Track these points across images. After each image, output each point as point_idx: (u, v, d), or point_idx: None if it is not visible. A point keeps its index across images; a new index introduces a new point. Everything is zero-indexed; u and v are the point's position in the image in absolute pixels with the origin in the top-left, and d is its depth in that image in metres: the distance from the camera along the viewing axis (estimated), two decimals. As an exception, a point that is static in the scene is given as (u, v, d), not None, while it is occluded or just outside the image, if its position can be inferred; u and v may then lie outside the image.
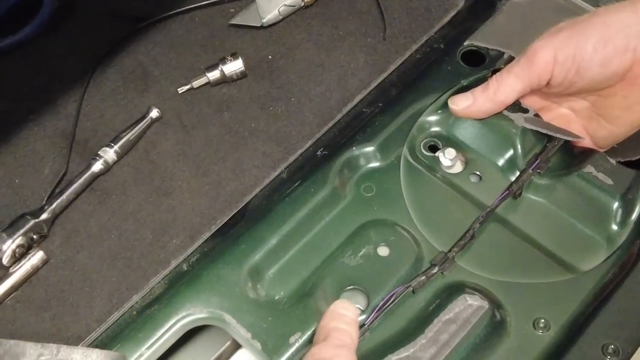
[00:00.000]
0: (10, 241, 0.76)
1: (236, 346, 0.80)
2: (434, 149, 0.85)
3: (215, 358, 0.81)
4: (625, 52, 0.71)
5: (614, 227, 0.78)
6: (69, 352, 0.68)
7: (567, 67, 0.74)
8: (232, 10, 0.95)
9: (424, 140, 0.85)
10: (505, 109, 0.81)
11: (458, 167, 0.83)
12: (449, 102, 0.82)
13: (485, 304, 0.73)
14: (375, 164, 0.84)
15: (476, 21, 0.93)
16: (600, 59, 0.72)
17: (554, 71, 0.75)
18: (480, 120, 0.83)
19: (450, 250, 0.76)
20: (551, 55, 0.74)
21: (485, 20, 0.93)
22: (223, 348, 0.81)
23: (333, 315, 0.69)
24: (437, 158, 0.83)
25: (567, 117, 0.83)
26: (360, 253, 0.77)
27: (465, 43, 0.90)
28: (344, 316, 0.68)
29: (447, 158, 0.82)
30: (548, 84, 0.77)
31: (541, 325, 0.72)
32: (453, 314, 0.73)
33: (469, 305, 0.73)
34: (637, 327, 0.71)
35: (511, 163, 0.82)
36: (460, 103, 0.81)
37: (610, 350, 0.69)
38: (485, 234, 0.78)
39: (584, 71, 0.73)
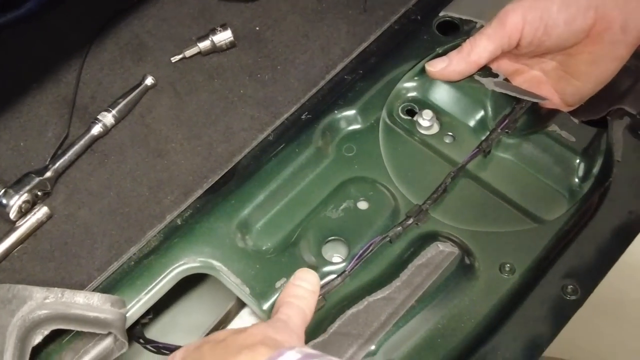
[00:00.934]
0: (16, 197, 0.82)
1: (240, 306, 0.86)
2: (410, 112, 0.90)
3: (222, 317, 0.87)
4: (587, 10, 0.77)
5: (576, 180, 0.84)
6: (72, 295, 0.74)
7: (536, 27, 0.80)
8: (222, -15, 1.01)
9: (402, 105, 0.91)
10: (477, 74, 0.87)
11: (434, 129, 0.89)
12: (427, 65, 0.88)
13: (456, 250, 0.79)
14: (355, 127, 0.89)
15: (451, -7, 0.98)
16: (565, 17, 0.78)
17: (524, 31, 0.81)
18: (454, 85, 0.89)
19: (424, 203, 0.82)
20: (520, 16, 0.80)
21: (461, -8, 0.98)
22: (229, 307, 0.87)
23: (288, 290, 0.72)
24: (415, 121, 0.89)
25: (538, 79, 0.88)
26: (342, 207, 0.83)
27: (441, 14, 0.96)
28: (299, 288, 0.72)
29: (426, 119, 0.88)
30: (518, 44, 0.83)
31: (507, 269, 0.78)
32: (425, 259, 0.78)
33: (441, 252, 0.79)
34: (594, 269, 0.77)
35: (482, 124, 0.88)
36: (437, 65, 0.87)
37: (569, 290, 0.75)
38: (457, 189, 0.84)
39: (550, 30, 0.80)
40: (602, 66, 0.82)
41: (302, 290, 0.71)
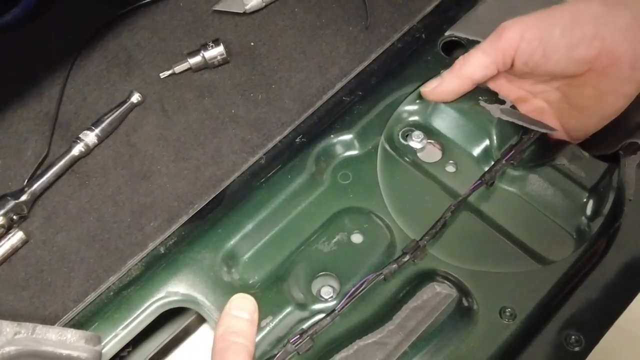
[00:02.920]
0: (-10, 221, 0.78)
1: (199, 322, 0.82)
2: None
3: (181, 330, 0.83)
4: (593, 39, 0.72)
5: (584, 219, 0.79)
6: (45, 331, 0.70)
7: (533, 47, 0.74)
8: (216, -5, 0.96)
9: (402, 130, 0.86)
10: (482, 99, 0.82)
11: (436, 156, 0.84)
12: (421, 87, 0.83)
13: (454, 292, 0.74)
14: (352, 152, 0.84)
15: (459, 11, 0.93)
16: (567, 43, 0.73)
17: (519, 48, 0.75)
18: (458, 110, 0.84)
19: (421, 239, 0.77)
20: (518, 32, 0.74)
21: (468, 9, 0.93)
22: (188, 322, 0.82)
23: (226, 323, 0.68)
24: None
25: (542, 109, 0.83)
26: (334, 240, 0.78)
27: (446, 33, 0.91)
28: (238, 320, 0.68)
29: (416, 141, 0.84)
30: (513, 64, 0.77)
31: (507, 314, 0.73)
32: (421, 302, 0.74)
33: (437, 294, 0.74)
34: (600, 319, 0.72)
35: (486, 153, 0.83)
36: (430, 85, 0.82)
37: (572, 340, 0.71)
38: (457, 223, 0.80)
39: (549, 54, 0.74)
40: (608, 102, 0.77)
41: (242, 323, 0.68)
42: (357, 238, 0.79)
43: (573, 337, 0.71)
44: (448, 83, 0.80)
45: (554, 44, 0.73)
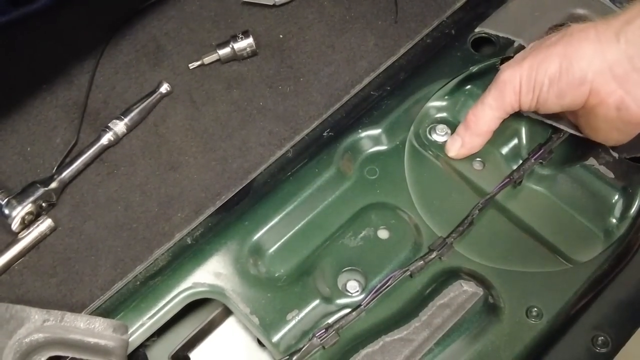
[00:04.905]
0: (19, 208, 0.78)
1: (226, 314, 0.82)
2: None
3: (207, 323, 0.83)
4: (580, 85, 0.71)
5: (613, 220, 0.79)
6: (73, 319, 0.70)
7: (530, 98, 0.76)
8: (245, -13, 0.96)
9: (430, 126, 0.86)
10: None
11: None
12: (445, 151, 0.83)
13: (480, 291, 0.74)
14: (380, 147, 0.84)
15: (488, 7, 0.92)
16: (555, 92, 0.74)
17: (520, 100, 0.77)
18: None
19: (448, 236, 0.77)
20: (517, 87, 0.76)
21: (498, 6, 0.92)
22: (214, 314, 0.82)
23: None
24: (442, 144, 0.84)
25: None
26: (361, 235, 0.78)
27: (477, 30, 0.90)
28: None
29: (440, 134, 0.84)
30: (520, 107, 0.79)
31: (534, 313, 0.73)
32: (447, 299, 0.74)
33: (464, 291, 0.74)
34: (628, 320, 0.72)
35: (515, 152, 0.83)
36: (453, 147, 0.82)
37: (599, 342, 0.71)
38: (485, 221, 0.79)
39: (543, 101, 0.75)
40: (607, 135, 0.76)
41: None
42: (383, 234, 0.79)
43: (600, 338, 0.71)
44: (471, 142, 0.82)
45: (544, 93, 0.74)
